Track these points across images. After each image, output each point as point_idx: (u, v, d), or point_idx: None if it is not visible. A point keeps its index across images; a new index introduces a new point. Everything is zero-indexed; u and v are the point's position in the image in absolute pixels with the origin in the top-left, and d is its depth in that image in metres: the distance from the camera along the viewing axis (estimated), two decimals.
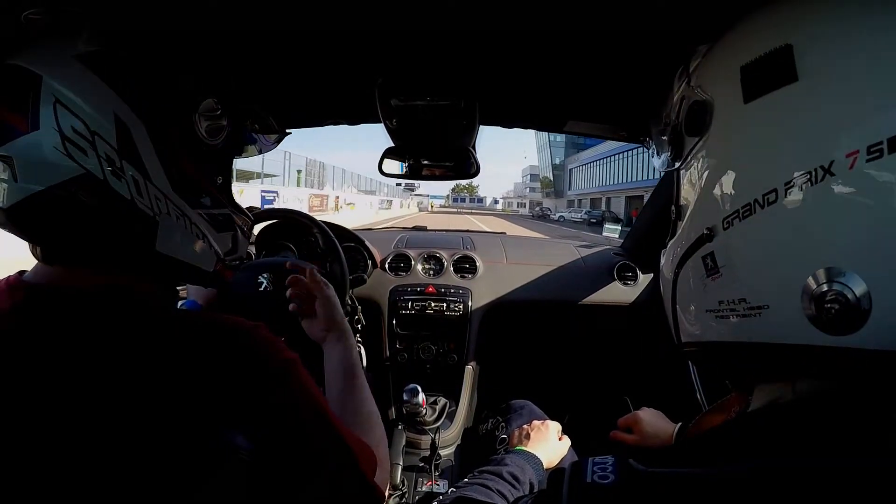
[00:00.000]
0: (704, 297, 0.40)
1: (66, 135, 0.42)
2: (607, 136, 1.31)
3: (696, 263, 0.40)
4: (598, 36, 0.71)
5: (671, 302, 0.46)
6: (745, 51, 0.37)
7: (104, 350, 0.42)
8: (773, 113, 0.34)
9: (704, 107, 0.39)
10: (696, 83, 0.41)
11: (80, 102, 0.43)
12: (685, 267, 0.42)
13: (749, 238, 0.36)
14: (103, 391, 0.41)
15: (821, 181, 0.31)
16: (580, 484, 0.34)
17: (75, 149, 0.42)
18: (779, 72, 0.34)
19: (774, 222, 0.34)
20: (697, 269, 0.40)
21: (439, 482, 1.17)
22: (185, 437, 0.41)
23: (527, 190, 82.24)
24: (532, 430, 0.91)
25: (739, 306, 0.37)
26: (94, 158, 0.43)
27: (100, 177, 0.43)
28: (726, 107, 0.38)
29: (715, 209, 0.38)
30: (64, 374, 0.41)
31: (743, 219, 0.35)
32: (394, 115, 1.00)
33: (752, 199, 0.35)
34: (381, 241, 1.71)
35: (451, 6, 0.63)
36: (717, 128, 0.39)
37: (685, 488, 0.31)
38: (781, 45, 0.34)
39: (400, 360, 1.47)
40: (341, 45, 0.78)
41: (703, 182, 0.40)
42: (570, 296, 1.56)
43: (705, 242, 0.39)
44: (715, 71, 0.40)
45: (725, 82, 0.38)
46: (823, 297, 0.31)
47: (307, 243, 1.35)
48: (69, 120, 0.42)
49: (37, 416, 0.40)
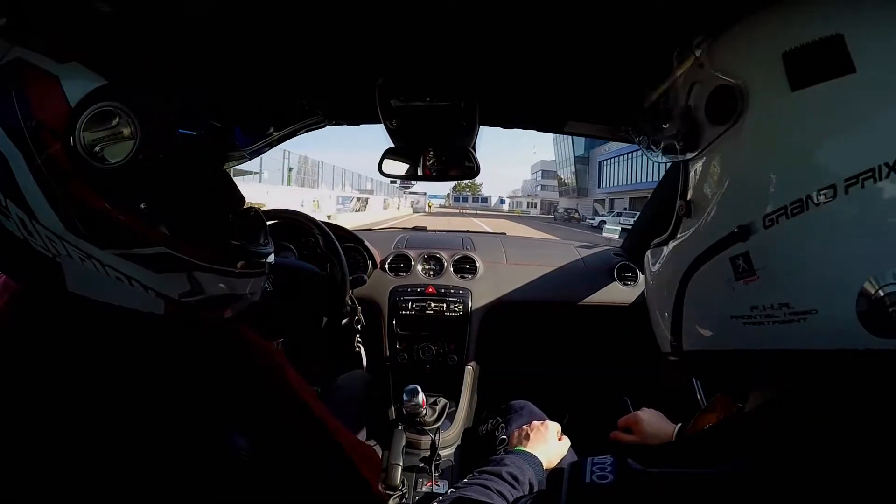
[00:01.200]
0: (730, 301, 0.37)
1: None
2: (607, 137, 1.31)
3: (721, 265, 0.37)
4: (598, 36, 0.71)
5: (673, 307, 0.42)
6: (786, 37, 0.34)
7: (93, 352, 0.41)
8: (830, 103, 0.32)
9: (732, 93, 0.36)
10: (713, 67, 0.38)
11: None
12: (704, 268, 0.38)
13: (798, 237, 0.33)
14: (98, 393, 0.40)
15: (885, 178, 0.29)
16: (579, 484, 0.34)
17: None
18: (832, 61, 0.32)
19: (830, 221, 0.31)
20: (722, 271, 0.37)
21: (439, 483, 1.17)
22: (181, 439, 0.41)
23: (538, 188, 73.49)
24: (532, 431, 0.91)
25: (779, 312, 0.34)
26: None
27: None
28: (768, 94, 0.35)
29: (751, 205, 0.35)
30: (56, 376, 0.41)
31: (792, 216, 0.32)
32: (394, 116, 1.01)
33: (803, 196, 0.32)
34: (381, 241, 1.71)
35: (451, 6, 0.63)
36: (757, 116, 0.35)
37: (683, 488, 0.31)
38: (831, 34, 0.32)
39: (400, 361, 1.47)
40: (341, 45, 0.78)
41: (735, 175, 0.36)
42: (570, 296, 1.56)
43: (736, 242, 0.35)
44: (745, 55, 0.37)
45: (763, 68, 0.35)
46: (886, 300, 0.29)
47: (307, 244, 1.35)
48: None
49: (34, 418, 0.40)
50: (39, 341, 0.42)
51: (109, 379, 0.41)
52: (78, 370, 0.41)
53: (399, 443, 1.20)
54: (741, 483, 0.30)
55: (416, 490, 1.17)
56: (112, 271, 0.41)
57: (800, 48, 0.33)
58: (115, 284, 0.42)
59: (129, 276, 0.42)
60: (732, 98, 0.36)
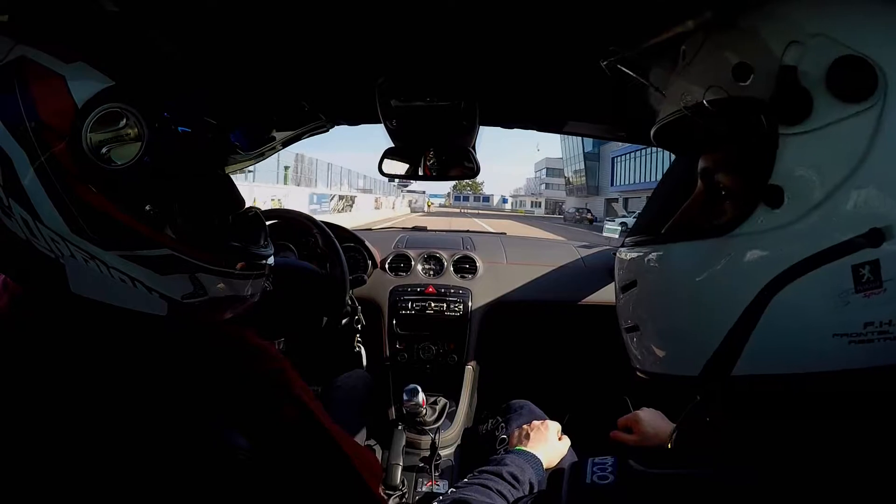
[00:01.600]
0: (840, 316, 0.31)
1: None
2: (608, 137, 1.31)
3: (836, 273, 0.31)
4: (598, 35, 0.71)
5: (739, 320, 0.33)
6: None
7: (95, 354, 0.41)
8: None
9: (866, 67, 0.30)
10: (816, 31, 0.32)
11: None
12: (810, 276, 0.32)
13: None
14: (99, 393, 0.40)
15: None
16: (580, 484, 0.34)
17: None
18: None
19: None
20: (836, 281, 0.31)
21: (439, 482, 1.17)
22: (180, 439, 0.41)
23: (542, 187, 69.92)
24: (532, 431, 0.91)
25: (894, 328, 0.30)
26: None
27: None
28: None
29: (889, 206, 0.30)
30: (56, 380, 0.40)
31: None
32: (394, 116, 1.01)
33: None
34: (381, 241, 1.71)
35: (451, 6, 0.63)
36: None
37: (685, 489, 0.31)
38: None
39: (400, 361, 1.47)
40: (341, 45, 0.78)
41: (870, 167, 0.30)
42: (571, 296, 1.56)
43: (865, 247, 0.30)
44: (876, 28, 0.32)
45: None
46: None
47: (307, 243, 1.35)
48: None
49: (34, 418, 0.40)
50: (41, 342, 0.42)
51: (111, 380, 0.41)
52: (79, 371, 0.41)
53: (399, 443, 1.20)
54: (742, 484, 0.31)
55: (416, 490, 1.17)
56: (116, 273, 0.41)
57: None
58: (118, 286, 0.42)
59: (133, 278, 0.42)
60: (870, 74, 0.30)
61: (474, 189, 75.49)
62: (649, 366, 0.41)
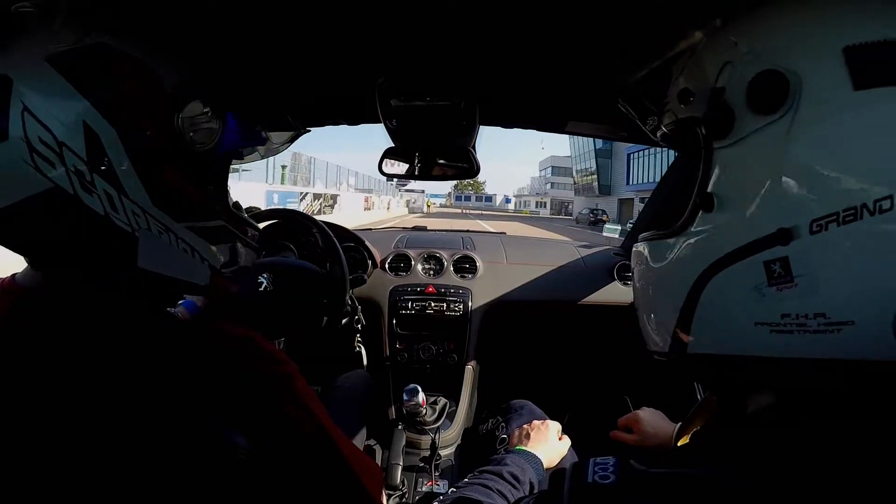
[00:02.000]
0: (759, 307, 0.34)
1: (33, 146, 0.38)
2: (608, 137, 1.31)
3: (752, 268, 0.34)
4: (598, 36, 0.71)
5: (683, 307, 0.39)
6: (849, 31, 0.32)
7: (97, 358, 0.41)
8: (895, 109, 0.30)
9: (782, 81, 0.33)
10: (751, 48, 0.36)
11: (48, 110, 0.38)
12: (729, 270, 0.35)
13: (846, 247, 0.31)
14: (97, 397, 0.40)
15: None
16: (581, 484, 0.34)
17: (43, 161, 0.38)
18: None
19: (884, 232, 0.30)
20: (752, 275, 0.34)
21: (439, 482, 1.17)
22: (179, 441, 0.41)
23: (547, 186, 66.06)
24: (532, 430, 0.91)
25: (813, 322, 0.32)
26: (63, 172, 0.39)
27: (70, 191, 0.39)
28: (826, 88, 0.32)
29: (797, 208, 0.32)
30: (57, 380, 0.40)
31: (843, 223, 0.30)
32: (394, 116, 1.01)
33: (859, 203, 0.30)
34: (381, 240, 1.71)
35: (452, 6, 0.63)
36: (812, 111, 0.33)
37: (686, 488, 0.31)
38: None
39: (400, 360, 1.47)
40: (341, 45, 0.78)
41: (779, 172, 0.33)
42: (570, 296, 1.56)
43: (775, 245, 0.33)
44: (797, 42, 0.34)
45: (821, 60, 0.32)
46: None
47: (307, 243, 1.35)
48: (36, 130, 0.38)
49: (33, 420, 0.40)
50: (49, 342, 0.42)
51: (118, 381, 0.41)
52: (83, 368, 0.41)
53: (399, 443, 1.20)
54: (742, 484, 0.31)
55: (416, 490, 1.17)
56: (182, 244, 0.46)
57: (865, 46, 0.31)
58: (181, 257, 0.46)
59: (193, 248, 0.47)
60: (781, 87, 0.33)
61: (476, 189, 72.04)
62: (648, 345, 0.46)
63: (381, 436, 1.26)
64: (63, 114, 0.39)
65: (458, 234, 1.96)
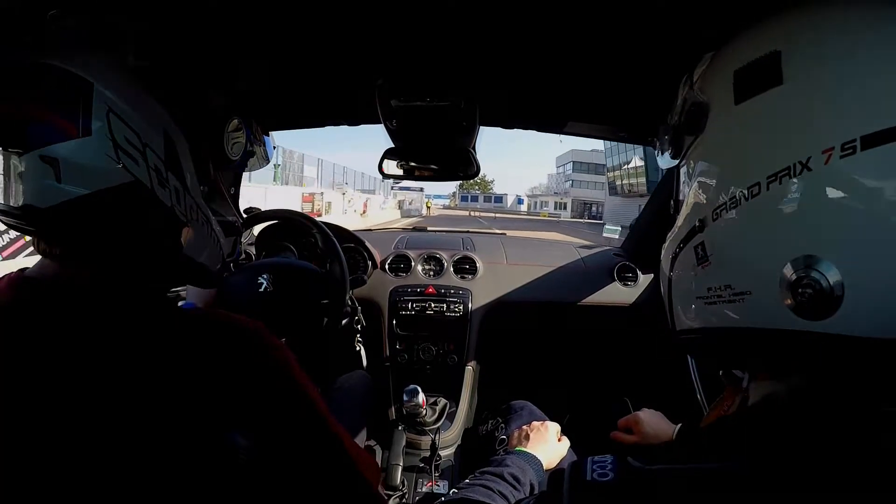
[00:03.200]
0: (695, 284, 0.42)
1: (118, 143, 0.43)
2: (607, 137, 1.31)
3: (689, 253, 0.43)
4: (598, 36, 0.71)
5: (668, 293, 0.49)
6: (739, 57, 0.39)
7: (106, 347, 0.42)
8: (760, 113, 0.37)
9: (701, 108, 0.42)
10: (697, 87, 0.44)
11: (134, 115, 0.45)
12: (680, 256, 0.45)
13: (734, 228, 0.38)
14: (103, 389, 0.41)
15: (798, 175, 0.34)
16: (580, 482, 0.34)
17: (127, 157, 0.44)
18: (767, 75, 0.36)
19: (757, 213, 0.36)
20: (690, 259, 0.43)
21: (439, 483, 1.17)
22: (184, 436, 0.41)
23: (568, 184, 55.27)
24: (532, 431, 0.91)
25: (725, 292, 0.39)
26: (144, 168, 0.45)
27: (147, 185, 0.45)
28: (720, 108, 0.41)
29: (706, 202, 0.40)
30: (65, 371, 0.41)
31: (730, 209, 0.38)
32: (394, 116, 1.01)
33: (738, 192, 0.37)
34: (381, 241, 1.71)
35: (451, 6, 0.63)
36: (711, 127, 0.41)
37: (684, 483, 0.31)
38: (771, 51, 0.37)
39: (400, 361, 1.47)
40: (341, 46, 0.78)
41: (697, 177, 0.43)
42: (571, 296, 1.56)
43: (697, 233, 0.41)
44: (713, 75, 0.43)
45: (721, 85, 0.40)
46: (798, 284, 0.33)
47: (307, 244, 1.35)
48: (122, 130, 0.44)
49: (37, 412, 0.40)
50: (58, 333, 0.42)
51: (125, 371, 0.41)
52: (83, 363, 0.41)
53: (399, 443, 1.20)
54: (742, 479, 0.31)
55: (416, 490, 1.17)
56: (214, 234, 0.55)
57: (746, 66, 0.38)
58: (211, 245, 0.55)
59: (218, 238, 0.56)
60: (700, 112, 0.42)
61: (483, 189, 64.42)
62: None
63: (382, 436, 1.26)
64: (148, 122, 0.46)
65: (458, 234, 1.96)
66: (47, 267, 0.47)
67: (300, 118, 1.25)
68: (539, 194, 62.80)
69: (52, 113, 0.42)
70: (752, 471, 0.31)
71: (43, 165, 0.41)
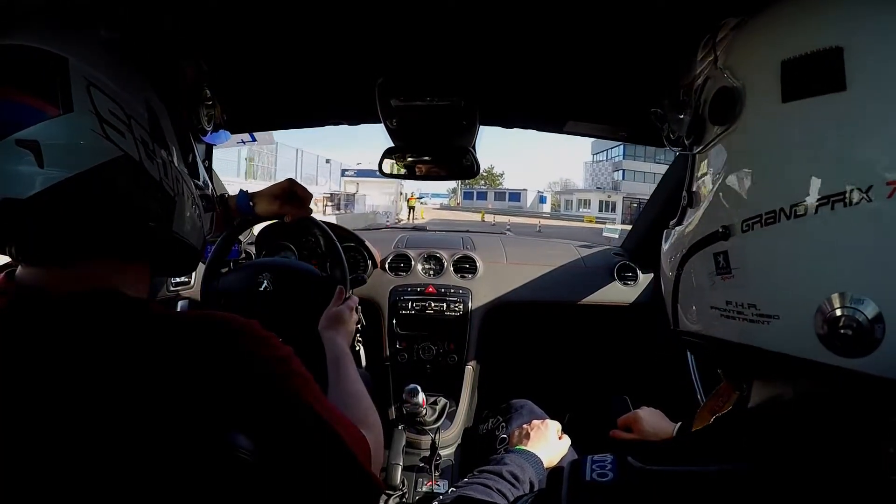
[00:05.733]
0: (711, 293, 0.39)
1: (103, 117, 0.41)
2: (607, 137, 1.31)
3: (707, 258, 0.39)
4: (598, 35, 0.71)
5: (673, 288, 0.45)
6: (788, 43, 0.34)
7: (95, 353, 0.41)
8: (815, 120, 0.32)
9: (733, 95, 0.36)
10: (724, 64, 0.38)
11: (115, 87, 0.42)
12: (693, 258, 0.41)
13: (768, 246, 0.34)
14: (96, 395, 0.40)
15: (856, 204, 0.30)
16: (579, 482, 0.34)
17: (113, 131, 0.42)
18: (826, 76, 0.31)
19: (799, 236, 0.32)
20: (706, 264, 0.39)
21: (439, 482, 1.17)
22: (184, 437, 0.41)
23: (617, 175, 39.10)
24: (532, 430, 0.91)
25: (748, 311, 0.35)
26: (132, 141, 0.43)
27: (136, 158, 0.43)
28: (760, 101, 0.35)
29: (734, 208, 0.36)
30: (56, 378, 0.40)
31: (765, 225, 0.33)
32: (394, 116, 1.01)
33: (777, 208, 0.33)
34: (381, 241, 1.71)
35: (451, 6, 0.63)
36: (748, 121, 0.36)
37: (685, 485, 0.31)
38: (831, 46, 0.31)
39: (400, 361, 1.47)
40: (341, 45, 0.78)
41: (724, 176, 0.37)
42: (570, 296, 1.56)
43: (719, 240, 0.37)
44: (749, 57, 0.37)
45: (761, 73, 0.35)
46: (838, 321, 0.30)
47: (307, 243, 1.35)
48: (105, 103, 0.41)
49: (30, 420, 0.40)
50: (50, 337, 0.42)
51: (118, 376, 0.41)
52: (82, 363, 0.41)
53: (399, 443, 1.20)
54: (741, 482, 0.31)
55: (416, 490, 1.17)
56: (197, 208, 0.54)
57: (798, 58, 0.33)
58: (195, 222, 0.53)
59: (200, 213, 0.55)
60: (732, 101, 0.36)
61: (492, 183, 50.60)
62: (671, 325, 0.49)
63: (383, 432, 1.26)
64: (130, 92, 0.44)
65: (458, 234, 1.96)
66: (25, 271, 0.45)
67: (300, 117, 1.26)
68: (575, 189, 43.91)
69: (25, 94, 0.39)
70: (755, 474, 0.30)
71: (19, 151, 0.38)
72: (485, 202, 40.09)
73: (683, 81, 0.45)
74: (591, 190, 40.84)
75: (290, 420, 0.46)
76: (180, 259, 0.55)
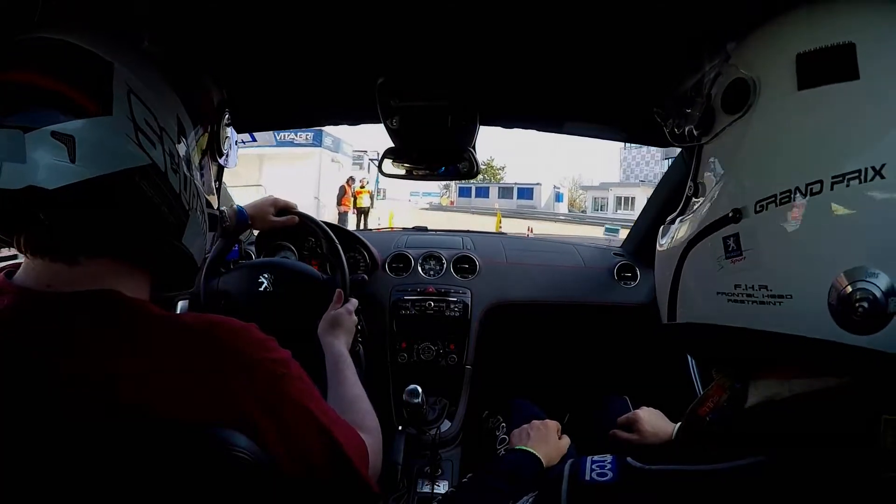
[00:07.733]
0: (719, 278, 0.39)
1: (138, 125, 0.43)
2: (608, 137, 1.31)
3: (715, 243, 0.39)
4: (598, 35, 0.71)
5: (672, 279, 0.45)
6: (803, 39, 0.36)
7: (96, 353, 0.41)
8: (830, 106, 0.34)
9: (748, 85, 0.39)
10: (736, 61, 0.41)
11: (153, 98, 0.45)
12: (699, 245, 0.41)
13: (782, 225, 0.35)
14: (96, 394, 0.40)
15: (870, 181, 0.31)
16: (579, 482, 0.34)
17: (146, 140, 0.43)
18: (840, 67, 0.34)
19: (814, 214, 0.33)
20: (715, 249, 0.39)
21: (439, 483, 1.17)
22: (183, 438, 0.41)
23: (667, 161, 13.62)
24: (532, 430, 0.91)
25: (759, 293, 0.36)
26: (161, 152, 0.45)
27: (162, 169, 0.45)
28: (777, 90, 0.37)
29: (746, 191, 0.37)
30: (56, 378, 0.40)
31: (780, 205, 0.34)
32: (394, 116, 1.01)
33: (793, 187, 0.34)
34: (382, 241, 1.71)
35: (451, 6, 0.63)
36: (763, 109, 0.38)
37: (684, 484, 0.31)
38: (844, 41, 0.34)
39: (400, 361, 1.47)
40: (341, 45, 0.79)
41: (736, 161, 0.39)
42: (570, 296, 1.56)
43: (730, 223, 0.38)
44: (764, 52, 0.40)
45: (777, 65, 0.37)
46: (853, 296, 0.31)
47: (307, 244, 1.35)
48: (143, 112, 0.43)
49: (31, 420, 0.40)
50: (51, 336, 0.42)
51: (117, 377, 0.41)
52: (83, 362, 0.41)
53: (399, 443, 1.20)
54: (741, 480, 0.31)
55: (416, 490, 1.17)
56: (205, 225, 0.55)
57: (813, 51, 0.35)
58: (201, 237, 0.55)
59: (206, 230, 0.57)
60: (746, 90, 0.38)
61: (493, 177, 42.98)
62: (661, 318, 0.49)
63: (381, 436, 1.26)
64: (164, 106, 0.47)
65: (458, 234, 1.96)
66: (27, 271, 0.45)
67: (300, 117, 1.26)
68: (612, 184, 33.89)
69: (71, 89, 0.40)
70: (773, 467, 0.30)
71: (54, 143, 0.38)
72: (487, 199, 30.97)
73: (689, 79, 0.46)
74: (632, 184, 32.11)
75: (287, 423, 0.46)
76: (181, 272, 0.55)
